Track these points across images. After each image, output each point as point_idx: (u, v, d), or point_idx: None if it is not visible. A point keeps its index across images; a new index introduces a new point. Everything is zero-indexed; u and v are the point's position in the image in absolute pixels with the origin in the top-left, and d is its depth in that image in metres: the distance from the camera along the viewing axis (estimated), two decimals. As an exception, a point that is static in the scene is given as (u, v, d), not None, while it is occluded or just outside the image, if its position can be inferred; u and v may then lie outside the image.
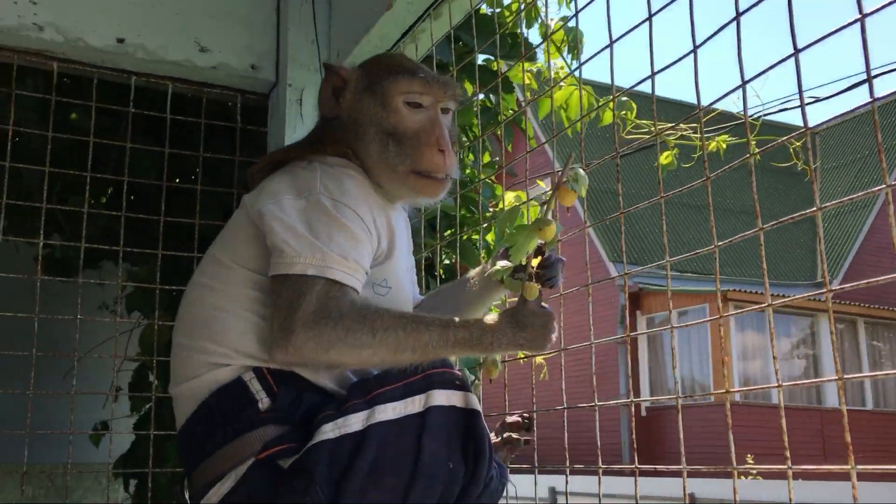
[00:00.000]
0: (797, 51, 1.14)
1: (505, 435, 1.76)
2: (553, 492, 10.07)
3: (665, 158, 2.71)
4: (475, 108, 2.66)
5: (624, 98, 2.92)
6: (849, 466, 0.97)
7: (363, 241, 1.45)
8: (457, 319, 1.44)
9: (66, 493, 2.44)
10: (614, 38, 1.59)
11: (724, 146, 2.64)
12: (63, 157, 2.70)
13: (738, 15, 1.26)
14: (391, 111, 1.59)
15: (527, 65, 2.82)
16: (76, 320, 2.50)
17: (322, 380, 1.45)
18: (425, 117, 1.60)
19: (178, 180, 2.86)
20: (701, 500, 9.21)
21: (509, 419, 1.76)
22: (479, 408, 1.41)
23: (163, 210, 2.62)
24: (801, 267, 18.72)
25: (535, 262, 1.48)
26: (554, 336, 1.46)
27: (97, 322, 2.59)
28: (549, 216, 1.43)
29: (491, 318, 1.45)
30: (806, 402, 14.87)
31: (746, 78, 1.27)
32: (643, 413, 15.36)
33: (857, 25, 1.02)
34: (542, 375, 3.52)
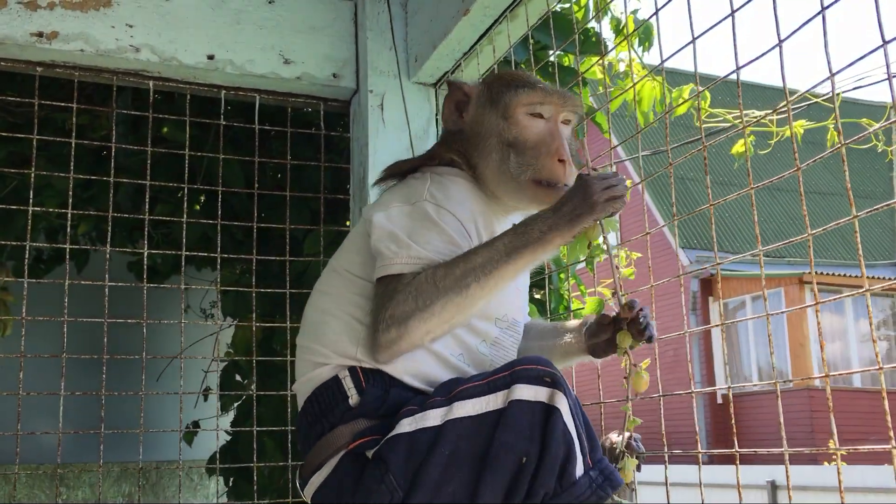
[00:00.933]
0: (885, 42, 1.17)
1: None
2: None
3: (740, 146, 2.71)
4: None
5: (696, 87, 2.92)
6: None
7: (460, 246, 1.51)
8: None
9: (179, 490, 2.56)
10: (696, 33, 1.62)
11: (802, 131, 2.63)
12: (151, 168, 2.83)
13: (823, 9, 1.28)
14: (512, 122, 1.63)
15: (597, 58, 2.85)
16: (180, 324, 2.64)
17: (406, 377, 1.50)
18: (545, 128, 1.64)
19: (256, 186, 2.99)
20: (783, 487, 9.06)
21: (616, 438, 1.68)
22: (567, 406, 1.36)
23: (255, 216, 2.74)
24: (880, 246, 18.18)
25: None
26: (602, 192, 1.43)
27: (177, 325, 2.72)
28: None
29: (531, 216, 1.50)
30: (890, 386, 14.46)
31: (833, 64, 1.30)
32: (718, 401, 15.14)
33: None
34: (622, 364, 3.53)
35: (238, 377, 3.74)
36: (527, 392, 1.36)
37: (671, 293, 14.75)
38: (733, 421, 1.21)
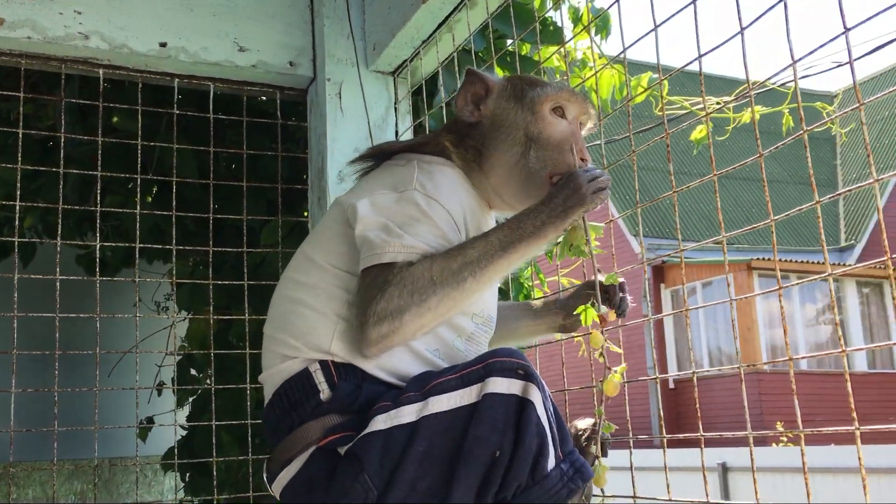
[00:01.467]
0: (847, 29, 1.18)
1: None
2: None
3: (699, 133, 2.74)
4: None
5: (655, 75, 2.95)
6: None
7: (449, 238, 1.49)
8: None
9: (136, 486, 2.51)
10: (658, 20, 1.63)
11: (759, 117, 2.67)
12: (101, 159, 2.76)
13: (785, -4, 1.30)
14: (539, 117, 1.63)
15: (555, 47, 2.86)
16: (135, 318, 2.58)
17: (379, 372, 1.47)
18: (568, 128, 1.64)
19: (211, 176, 2.94)
20: (733, 468, 9.25)
21: (581, 425, 1.67)
22: (540, 399, 1.35)
23: (212, 207, 2.69)
24: (824, 231, 18.64)
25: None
26: (589, 184, 1.48)
27: (127, 319, 2.65)
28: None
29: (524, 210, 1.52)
30: (834, 368, 14.87)
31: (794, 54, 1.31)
32: (671, 386, 15.40)
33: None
34: (580, 353, 3.57)
35: (193, 371, 3.69)
36: (500, 385, 1.34)
37: (626, 281, 14.85)
38: (697, 405, 1.23)
